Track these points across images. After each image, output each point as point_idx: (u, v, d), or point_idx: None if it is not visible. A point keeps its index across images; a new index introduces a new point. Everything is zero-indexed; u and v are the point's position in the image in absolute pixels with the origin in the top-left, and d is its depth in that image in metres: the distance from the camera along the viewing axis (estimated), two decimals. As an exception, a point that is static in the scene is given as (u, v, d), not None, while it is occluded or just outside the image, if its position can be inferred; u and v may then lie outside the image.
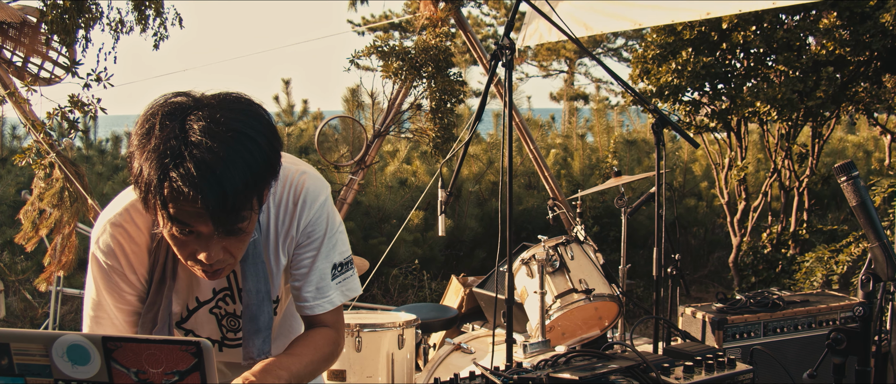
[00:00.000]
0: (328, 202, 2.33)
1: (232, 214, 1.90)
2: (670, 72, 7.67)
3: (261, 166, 1.91)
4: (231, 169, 1.85)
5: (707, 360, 1.99)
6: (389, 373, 4.55)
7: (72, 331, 1.61)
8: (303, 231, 2.30)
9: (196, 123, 1.87)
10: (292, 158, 2.34)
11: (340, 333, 2.45)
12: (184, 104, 1.93)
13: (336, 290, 2.39)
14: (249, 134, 1.90)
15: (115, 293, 2.28)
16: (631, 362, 1.96)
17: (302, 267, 2.34)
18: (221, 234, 1.95)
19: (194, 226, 1.93)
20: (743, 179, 8.50)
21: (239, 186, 1.86)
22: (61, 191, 6.96)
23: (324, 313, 2.38)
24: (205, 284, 2.34)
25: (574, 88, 27.72)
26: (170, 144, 1.85)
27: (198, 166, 1.83)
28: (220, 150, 1.84)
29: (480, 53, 8.05)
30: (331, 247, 2.35)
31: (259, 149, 1.91)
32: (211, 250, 2.00)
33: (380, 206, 10.00)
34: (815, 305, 4.86)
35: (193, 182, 1.83)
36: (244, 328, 2.29)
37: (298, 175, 2.28)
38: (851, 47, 7.29)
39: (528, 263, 4.54)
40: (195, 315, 2.39)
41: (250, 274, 2.25)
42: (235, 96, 1.98)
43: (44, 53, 6.91)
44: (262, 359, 2.21)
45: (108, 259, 2.24)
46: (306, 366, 2.22)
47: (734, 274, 8.69)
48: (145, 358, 1.59)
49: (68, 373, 1.62)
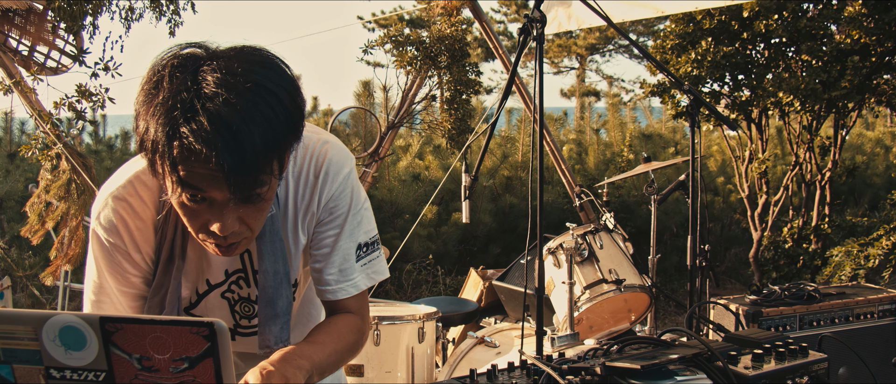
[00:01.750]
0: (353, 175, 2.10)
1: (250, 177, 1.68)
2: (689, 62, 7.48)
3: (283, 124, 1.69)
4: (250, 124, 1.63)
5: (777, 348, 1.78)
6: (409, 368, 4.35)
7: (65, 311, 1.40)
8: (325, 206, 2.07)
9: (210, 75, 1.65)
10: (314, 127, 2.11)
11: (365, 321, 2.22)
12: (196, 55, 1.71)
13: (361, 273, 2.15)
14: (270, 87, 1.68)
15: (118, 274, 2.07)
16: (694, 350, 1.75)
17: (324, 247, 2.11)
18: (237, 201, 1.73)
19: (207, 191, 1.71)
20: (764, 172, 8.29)
21: (258, 144, 1.64)
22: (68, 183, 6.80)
23: (347, 298, 2.15)
24: (216, 266, 2.12)
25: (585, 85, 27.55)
26: (181, 97, 1.64)
27: (212, 120, 1.61)
28: (237, 103, 1.62)
29: (496, 44, 7.86)
30: (355, 225, 2.12)
31: (281, 104, 1.69)
32: (225, 219, 1.77)
33: (393, 201, 9.83)
34: (852, 298, 4.64)
35: (207, 138, 1.61)
36: (260, 313, 2.07)
37: (320, 145, 2.05)
38: (877, 36, 7.07)
39: (556, 253, 4.33)
40: (205, 300, 2.16)
41: (267, 253, 2.02)
42: (253, 47, 1.76)
43: (50, 42, 6.75)
44: (281, 347, 1.99)
45: (111, 236, 2.03)
46: (329, 355, 1.99)
47: (755, 269, 8.47)
48: (150, 342, 1.38)
49: (61, 359, 1.41)
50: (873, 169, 12.60)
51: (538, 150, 3.00)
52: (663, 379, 1.68)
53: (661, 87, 7.99)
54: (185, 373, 1.40)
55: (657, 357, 1.70)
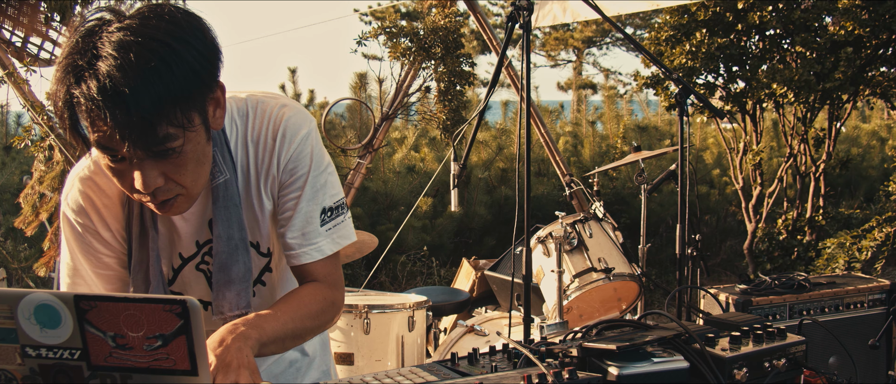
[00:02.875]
0: (313, 136, 2.07)
1: (146, 133, 1.68)
2: (684, 54, 7.47)
3: (180, 76, 1.68)
4: (138, 80, 1.63)
5: (755, 330, 1.79)
6: (399, 356, 4.36)
7: (40, 290, 1.40)
8: (284, 168, 2.05)
9: (107, 36, 1.67)
10: (273, 93, 2.11)
11: (335, 289, 2.15)
12: (103, 19, 1.72)
13: (325, 237, 2.11)
14: (170, 43, 1.68)
15: (91, 256, 2.07)
16: (672, 332, 1.76)
17: (286, 210, 2.08)
18: (147, 156, 1.73)
19: (119, 150, 1.72)
20: (758, 164, 8.29)
21: (146, 99, 1.64)
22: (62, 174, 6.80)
23: (312, 263, 2.10)
24: (186, 238, 2.11)
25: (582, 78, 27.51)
26: (75, 61, 1.66)
27: (100, 81, 1.63)
28: (125, 61, 1.63)
29: (490, 36, 7.86)
30: (317, 188, 2.08)
31: (176, 56, 1.68)
32: (144, 176, 1.76)
33: (388, 192, 9.83)
34: (843, 287, 4.64)
35: (93, 98, 1.63)
36: (214, 279, 2.04)
37: (278, 108, 2.05)
38: (871, 28, 7.07)
39: (545, 242, 4.33)
40: (181, 274, 2.15)
41: (221, 218, 2.01)
42: (165, 7, 1.75)
43: (43, 33, 6.75)
44: (238, 316, 1.98)
45: (79, 217, 2.04)
46: (285, 324, 1.93)
47: (749, 260, 8.48)
48: (123, 319, 1.38)
49: (36, 337, 1.41)
50: (869, 161, 12.62)
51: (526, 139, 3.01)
52: (640, 360, 1.68)
53: (655, 79, 7.99)
54: (158, 350, 1.40)
55: (635, 339, 1.71)
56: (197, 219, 2.08)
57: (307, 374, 2.38)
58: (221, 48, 1.83)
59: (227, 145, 2.00)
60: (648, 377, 1.66)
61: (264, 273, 2.20)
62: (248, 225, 2.09)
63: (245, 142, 2.04)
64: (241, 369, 1.71)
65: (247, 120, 2.04)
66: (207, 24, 1.80)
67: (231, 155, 2.01)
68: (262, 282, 2.21)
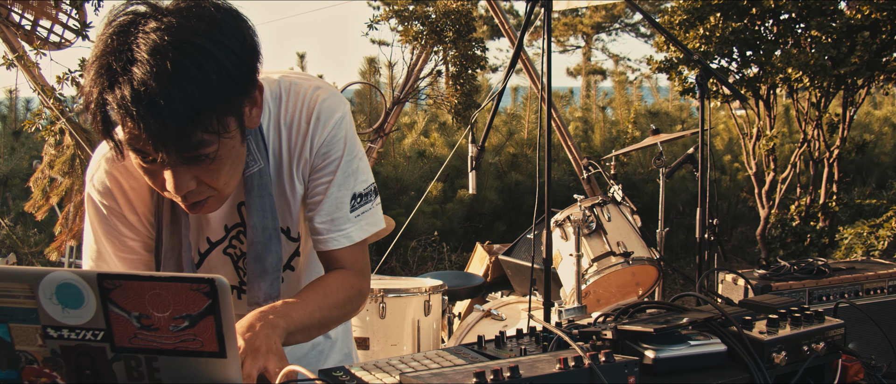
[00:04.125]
0: (347, 120, 2.02)
1: (178, 140, 1.64)
2: (697, 38, 7.40)
3: (217, 82, 1.63)
4: (172, 88, 1.58)
5: (792, 313, 1.74)
6: (415, 340, 4.32)
7: (63, 269, 1.36)
8: (317, 152, 2.00)
9: (142, 37, 1.61)
10: (306, 75, 2.06)
11: (362, 277, 2.12)
12: (136, 15, 1.66)
13: (354, 224, 2.06)
14: (207, 48, 1.62)
15: (115, 239, 2.03)
16: (708, 314, 1.71)
17: (316, 194, 2.03)
18: (181, 162, 1.69)
19: (152, 153, 1.68)
20: (771, 149, 8.22)
21: (180, 109, 1.59)
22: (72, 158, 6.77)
23: (339, 250, 2.06)
24: (215, 222, 2.07)
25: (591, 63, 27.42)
26: (109, 63, 1.61)
27: (133, 87, 1.58)
28: (163, 70, 1.57)
29: (502, 19, 7.80)
30: (349, 173, 2.03)
31: (217, 64, 1.63)
32: (176, 179, 1.73)
33: (398, 178, 9.80)
34: (863, 272, 4.59)
35: (126, 106, 1.58)
36: (249, 269, 2.01)
37: (312, 91, 1.99)
38: (888, 11, 6.99)
39: (563, 225, 4.28)
40: (208, 258, 2.11)
41: (256, 208, 1.97)
42: (205, 4, 1.69)
43: (53, 16, 6.70)
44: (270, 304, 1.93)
45: (105, 199, 1.99)
46: (312, 313, 1.91)
47: (762, 247, 8.42)
48: (149, 299, 1.33)
49: (58, 318, 1.36)
50: (881, 147, 12.55)
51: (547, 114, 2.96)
52: (676, 343, 1.64)
53: (669, 63, 7.91)
54: (185, 331, 1.35)
55: (671, 321, 1.66)
56: (226, 203, 2.03)
57: (329, 357, 2.36)
58: (260, 46, 1.77)
59: (260, 132, 1.96)
60: (685, 360, 1.61)
61: (293, 258, 2.17)
62: (279, 210, 2.05)
63: (278, 125, 1.99)
64: (269, 354, 1.68)
65: (280, 102, 1.99)
66: (247, 22, 1.74)
67: (264, 142, 1.97)
68: (291, 267, 2.18)
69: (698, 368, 1.63)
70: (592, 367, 1.40)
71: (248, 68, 1.72)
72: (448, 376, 1.41)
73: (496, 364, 1.45)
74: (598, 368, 1.40)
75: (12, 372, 1.43)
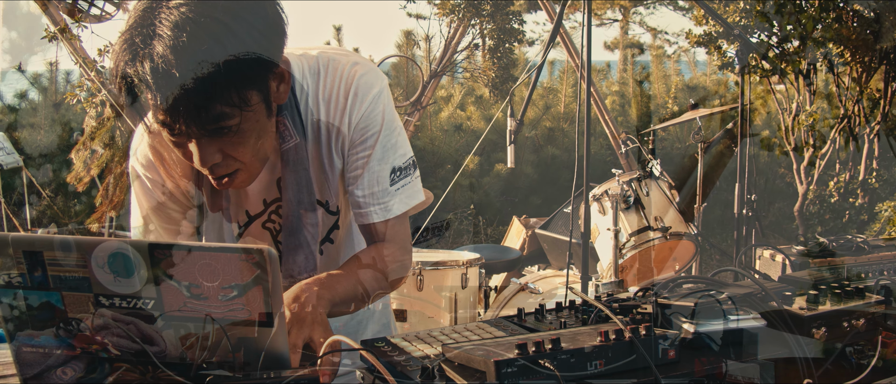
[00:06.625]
0: (385, 95, 2.04)
1: (199, 114, 1.67)
2: (738, 12, 7.33)
3: (236, 60, 1.66)
4: (192, 64, 1.61)
5: (833, 289, 1.73)
6: (452, 313, 4.34)
7: (114, 238, 1.39)
8: (356, 127, 2.01)
9: (166, 12, 1.64)
10: (345, 50, 2.08)
11: (404, 249, 2.13)
12: None
13: (395, 197, 2.07)
14: (228, 23, 1.65)
15: (159, 212, 2.07)
16: (747, 290, 1.71)
17: (356, 169, 2.05)
18: (203, 135, 1.72)
19: (175, 125, 1.71)
20: (811, 125, 8.13)
21: (197, 84, 1.62)
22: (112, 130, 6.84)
23: (380, 223, 2.08)
24: (254, 196, 2.10)
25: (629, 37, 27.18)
26: (133, 38, 1.64)
27: (154, 62, 1.61)
28: (181, 44, 1.61)
29: (540, -9, 7.76)
30: (388, 148, 2.05)
31: (237, 39, 1.66)
32: (201, 152, 1.75)
33: (435, 151, 9.81)
34: (903, 249, 4.55)
35: (147, 81, 1.62)
36: (284, 242, 2.04)
37: (350, 66, 2.01)
38: (933, -16, 6.90)
39: (601, 200, 4.28)
40: (248, 231, 2.14)
41: (291, 183, 1.99)
42: None
43: (94, -11, 6.76)
44: (305, 277, 1.96)
45: (149, 172, 2.03)
46: (355, 286, 1.94)
47: (799, 223, 8.35)
48: (199, 269, 1.36)
49: (110, 286, 1.39)
50: (922, 123, 12.36)
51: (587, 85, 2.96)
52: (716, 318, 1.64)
53: (708, 38, 7.84)
54: (234, 300, 1.38)
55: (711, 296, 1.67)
56: (266, 177, 2.06)
57: (368, 328, 2.38)
58: (286, 23, 1.79)
59: (296, 108, 1.97)
60: (725, 335, 1.62)
61: (332, 231, 2.18)
62: (317, 184, 2.07)
63: (317, 100, 2.00)
64: (314, 325, 1.71)
65: (318, 78, 2.00)
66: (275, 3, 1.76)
67: (301, 118, 1.98)
68: (330, 240, 2.19)
69: (738, 343, 1.63)
70: (633, 340, 1.41)
71: (271, 44, 1.74)
72: (490, 347, 1.43)
73: (538, 336, 1.46)
74: (639, 341, 1.42)
75: (65, 339, 1.47)
